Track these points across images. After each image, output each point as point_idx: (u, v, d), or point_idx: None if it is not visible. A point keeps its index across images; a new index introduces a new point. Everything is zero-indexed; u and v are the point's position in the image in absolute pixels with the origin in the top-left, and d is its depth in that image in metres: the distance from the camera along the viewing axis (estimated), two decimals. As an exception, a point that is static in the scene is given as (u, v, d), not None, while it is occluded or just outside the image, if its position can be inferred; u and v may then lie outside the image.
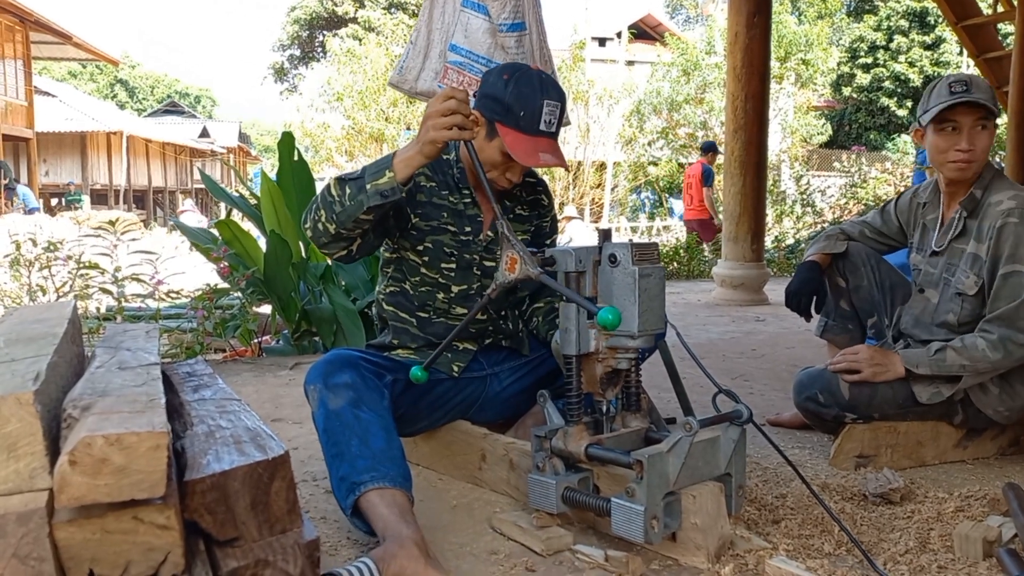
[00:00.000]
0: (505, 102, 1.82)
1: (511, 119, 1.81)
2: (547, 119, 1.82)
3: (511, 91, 1.82)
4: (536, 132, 1.82)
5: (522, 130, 1.81)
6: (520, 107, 1.81)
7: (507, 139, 1.81)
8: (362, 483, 1.64)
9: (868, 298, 2.49)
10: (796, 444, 2.42)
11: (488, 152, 1.87)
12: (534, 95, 1.81)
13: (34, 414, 1.03)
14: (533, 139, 1.81)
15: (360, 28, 18.83)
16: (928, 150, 2.24)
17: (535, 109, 1.81)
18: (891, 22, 23.99)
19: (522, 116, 1.81)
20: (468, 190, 2.00)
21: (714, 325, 4.85)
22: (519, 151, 1.80)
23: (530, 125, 1.81)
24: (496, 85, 1.85)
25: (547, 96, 1.82)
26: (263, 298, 3.83)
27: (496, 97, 1.84)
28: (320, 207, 1.79)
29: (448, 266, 1.97)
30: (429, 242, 1.95)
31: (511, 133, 1.81)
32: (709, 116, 16.56)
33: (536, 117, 1.81)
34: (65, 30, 18.51)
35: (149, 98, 47.60)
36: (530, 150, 1.80)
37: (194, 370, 1.79)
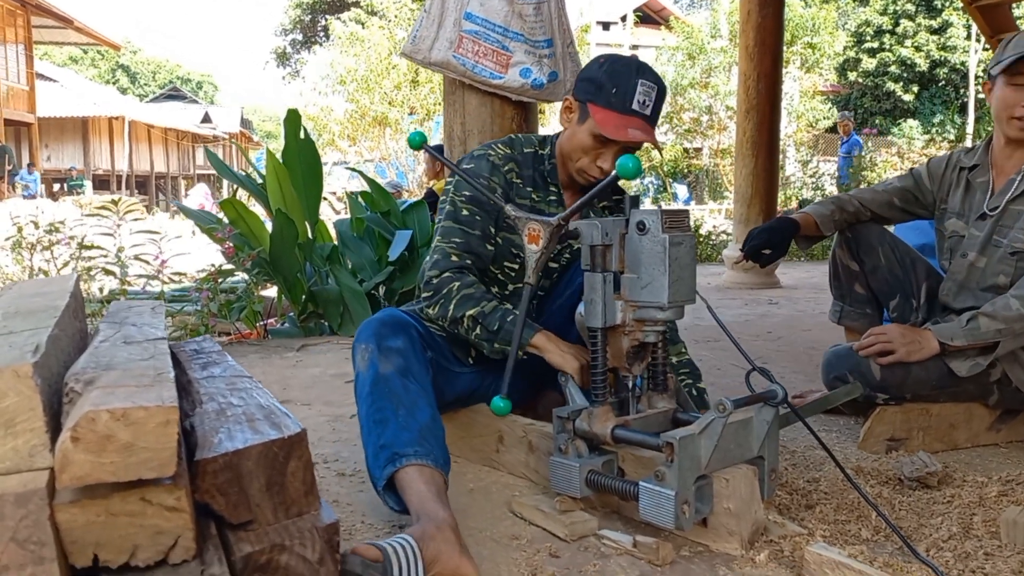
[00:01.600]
0: (598, 80, 1.77)
1: (603, 97, 1.76)
2: (640, 99, 1.76)
3: (605, 70, 1.78)
4: (628, 111, 1.75)
5: (613, 108, 1.75)
6: (612, 84, 1.75)
7: (597, 116, 1.75)
8: (404, 455, 1.56)
9: (889, 279, 2.38)
10: (823, 427, 2.34)
11: (579, 136, 1.81)
12: (628, 74, 1.76)
13: (33, 387, 0.96)
14: (624, 116, 1.75)
15: (363, 12, 18.65)
16: (993, 104, 2.15)
17: (628, 87, 1.75)
18: (897, 6, 23.75)
19: (614, 93, 1.75)
20: (556, 187, 1.93)
21: (727, 308, 4.77)
22: (608, 127, 1.74)
23: (622, 103, 1.75)
24: (591, 68, 1.82)
25: (643, 77, 1.76)
26: (268, 279, 3.75)
27: (590, 78, 1.80)
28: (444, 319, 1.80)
29: (511, 265, 1.92)
30: (500, 238, 1.89)
31: (601, 111, 1.76)
32: (714, 100, 16.41)
33: (629, 96, 1.75)
34: (66, 14, 18.39)
35: (151, 84, 47.40)
36: (620, 125, 1.74)
37: (202, 347, 1.71)
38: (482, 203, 1.83)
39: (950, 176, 2.32)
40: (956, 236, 2.26)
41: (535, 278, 1.67)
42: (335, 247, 3.83)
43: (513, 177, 1.89)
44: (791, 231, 2.37)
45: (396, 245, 3.60)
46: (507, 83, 2.33)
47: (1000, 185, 2.19)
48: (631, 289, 1.59)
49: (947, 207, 2.31)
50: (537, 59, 2.34)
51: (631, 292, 1.59)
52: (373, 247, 3.82)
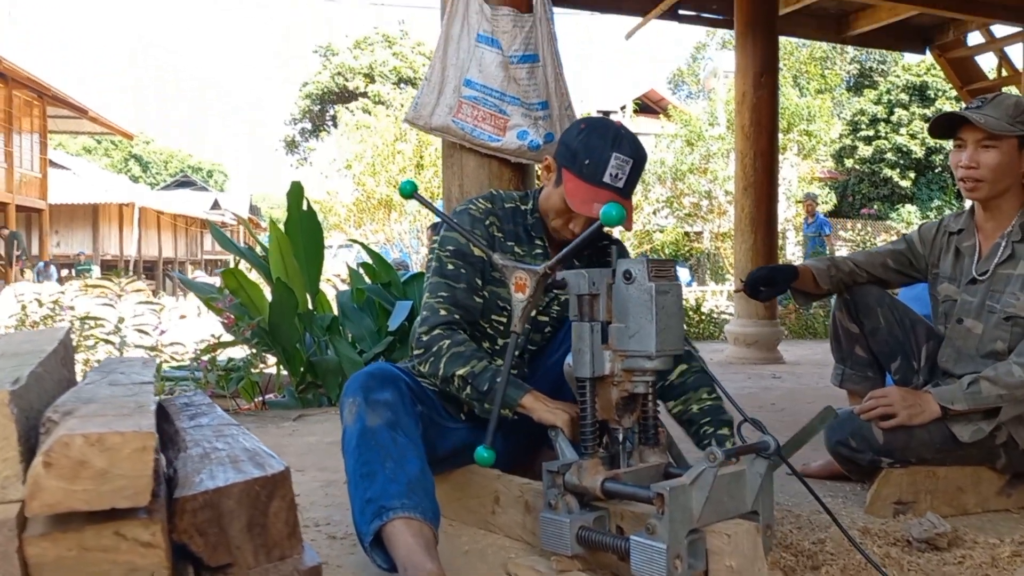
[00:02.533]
0: (572, 148, 1.78)
1: (575, 166, 1.76)
2: (613, 172, 1.75)
3: (581, 138, 1.78)
4: (598, 183, 1.74)
5: (583, 178, 1.75)
6: (585, 155, 1.75)
7: (567, 185, 1.76)
8: (391, 509, 1.52)
9: (889, 341, 2.35)
10: (828, 493, 2.28)
11: (553, 199, 1.83)
12: (603, 146, 1.75)
13: (9, 416, 0.94)
14: (594, 189, 1.74)
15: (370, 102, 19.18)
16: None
17: (601, 160, 1.74)
18: (891, 96, 24.32)
19: (586, 164, 1.75)
20: (542, 240, 1.93)
21: (729, 382, 4.70)
22: (575, 199, 1.74)
23: (592, 175, 1.74)
24: (571, 131, 1.83)
25: (618, 150, 1.75)
26: (267, 349, 3.73)
27: (567, 143, 1.81)
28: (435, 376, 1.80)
29: (499, 318, 1.91)
30: (487, 292, 1.89)
31: (572, 180, 1.76)
32: (714, 185, 16.64)
33: (600, 168, 1.74)
34: (81, 104, 18.91)
35: (163, 172, 48.32)
36: (586, 199, 1.73)
37: (192, 401, 1.69)
38: (466, 256, 1.83)
39: (940, 241, 2.33)
40: (949, 300, 2.26)
41: (521, 327, 1.66)
42: (335, 317, 3.82)
43: (494, 231, 1.89)
44: (791, 275, 2.38)
45: (396, 315, 3.59)
46: (505, 145, 2.37)
47: (987, 249, 2.20)
48: (619, 339, 1.57)
49: (939, 272, 2.31)
50: (533, 121, 2.39)
51: (619, 342, 1.57)
52: (373, 318, 3.82)
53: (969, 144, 2.12)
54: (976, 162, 2.11)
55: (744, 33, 5.61)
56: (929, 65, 22.18)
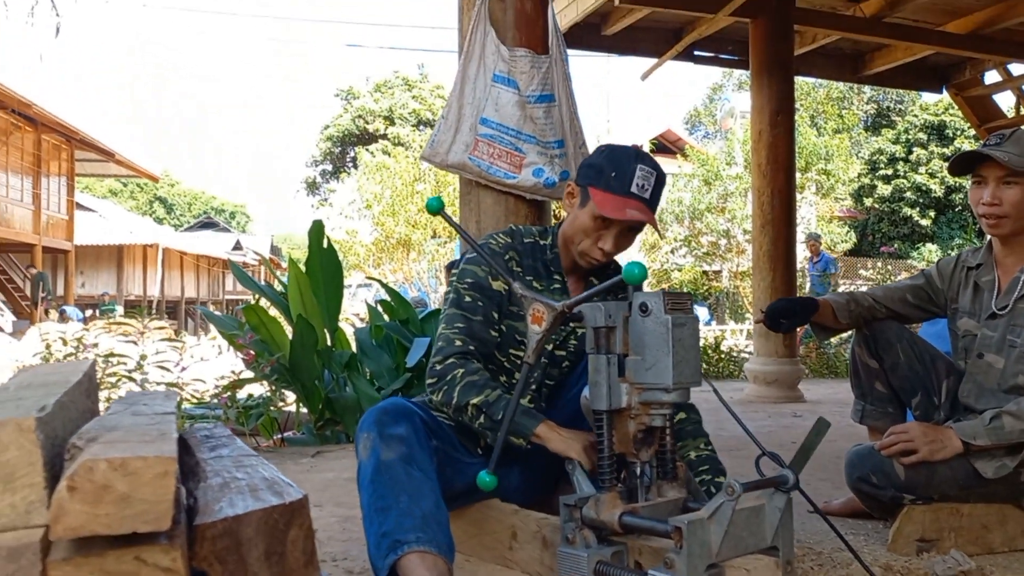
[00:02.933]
0: (598, 165, 1.84)
1: (602, 180, 1.82)
2: (639, 183, 1.81)
3: (605, 156, 1.86)
4: (627, 193, 1.80)
5: (612, 190, 1.81)
6: (612, 168, 1.82)
7: (596, 198, 1.81)
8: (406, 542, 1.52)
9: (909, 376, 2.34)
10: (850, 530, 2.25)
11: (581, 219, 1.86)
12: (627, 159, 1.83)
13: (35, 442, 0.96)
14: (623, 198, 1.80)
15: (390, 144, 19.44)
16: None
17: (627, 171, 1.81)
18: (909, 135, 24.34)
19: (613, 176, 1.81)
20: (560, 274, 1.96)
21: (750, 420, 4.67)
22: (607, 207, 1.79)
23: (620, 185, 1.81)
24: (592, 156, 1.90)
25: (642, 163, 1.83)
26: (287, 386, 3.76)
27: (590, 164, 1.87)
28: (449, 406, 1.80)
29: (516, 352, 1.92)
30: (504, 326, 1.91)
31: (600, 193, 1.81)
32: (732, 224, 16.67)
33: (628, 178, 1.81)
34: (108, 147, 19.27)
35: (186, 214, 49.04)
36: (618, 206, 1.79)
37: (212, 433, 1.70)
38: (484, 289, 1.86)
39: (958, 276, 2.33)
40: (969, 335, 2.24)
41: (534, 358, 1.66)
42: (353, 354, 3.85)
43: (513, 265, 1.92)
44: (811, 308, 2.38)
45: (414, 352, 3.61)
46: (521, 182, 2.41)
47: (1006, 284, 2.19)
48: (636, 371, 1.58)
49: (958, 307, 2.30)
50: (549, 159, 2.42)
51: (636, 374, 1.58)
52: (392, 354, 3.84)
53: (990, 181, 2.13)
54: (998, 199, 2.11)
55: (760, 73, 5.67)
56: (947, 104, 22.21)
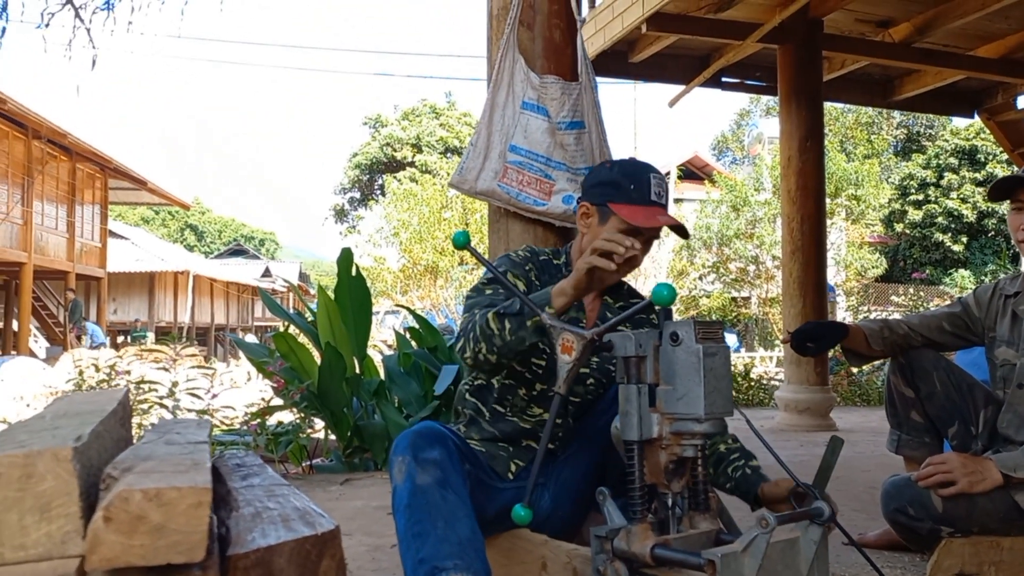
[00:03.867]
0: (614, 181, 1.86)
1: (622, 194, 1.83)
2: (656, 191, 1.84)
3: (616, 171, 1.87)
4: (648, 202, 1.83)
5: (635, 201, 1.83)
6: (629, 181, 1.84)
7: (623, 212, 1.81)
8: (444, 569, 1.51)
9: (946, 405, 2.29)
10: (887, 564, 2.20)
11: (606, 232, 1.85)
12: (639, 171, 1.85)
13: (71, 471, 0.97)
14: (648, 208, 1.82)
15: (417, 171, 19.61)
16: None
17: (644, 181, 1.84)
18: (940, 160, 24.11)
19: (632, 189, 1.83)
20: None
21: (781, 449, 4.58)
22: (638, 218, 1.80)
23: (642, 196, 1.83)
24: (600, 173, 1.91)
25: (652, 171, 1.86)
26: (316, 413, 3.77)
27: (603, 181, 1.88)
28: (480, 339, 1.76)
29: (538, 361, 1.90)
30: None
31: (625, 207, 1.82)
32: (760, 250, 16.56)
33: (646, 188, 1.83)
34: (141, 175, 19.63)
35: (217, 241, 49.73)
36: (648, 216, 1.81)
37: (243, 461, 1.71)
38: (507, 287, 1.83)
39: (996, 304, 2.28)
40: (1008, 365, 2.20)
41: (565, 388, 1.65)
42: (382, 382, 3.85)
43: (533, 277, 1.92)
44: (840, 333, 2.36)
45: (442, 380, 3.61)
46: (550, 209, 2.41)
47: None
48: (667, 401, 1.56)
49: (996, 335, 2.26)
50: (578, 186, 2.43)
51: (667, 404, 1.56)
52: (420, 382, 3.84)
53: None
54: None
55: (788, 100, 5.65)
56: (978, 128, 22.02)
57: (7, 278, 18.19)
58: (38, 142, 16.37)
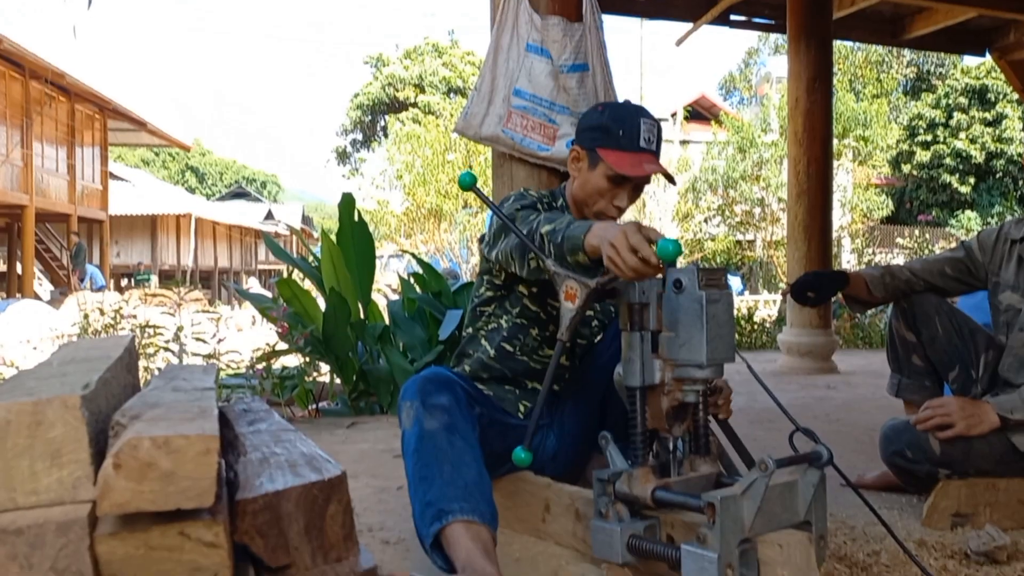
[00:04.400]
0: (603, 125, 1.84)
1: (611, 140, 1.82)
2: (647, 136, 1.82)
3: (608, 116, 1.85)
4: (637, 148, 1.81)
5: (623, 148, 1.81)
6: (618, 126, 1.82)
7: (610, 159, 1.80)
8: (450, 512, 1.55)
9: (947, 350, 2.29)
10: (884, 504, 2.23)
11: (593, 181, 1.86)
12: (630, 115, 1.83)
13: (80, 419, 0.98)
14: (636, 154, 1.81)
15: (420, 112, 19.38)
16: None
17: (634, 126, 1.82)
18: (950, 99, 23.74)
19: (621, 134, 1.81)
20: None
21: (783, 392, 4.65)
22: (624, 165, 1.79)
23: (630, 142, 1.81)
24: (591, 116, 1.90)
25: (643, 116, 1.84)
26: (321, 358, 3.80)
27: (593, 126, 1.86)
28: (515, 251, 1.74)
29: (555, 303, 1.92)
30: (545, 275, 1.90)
31: (613, 153, 1.81)
32: (766, 192, 16.43)
33: (635, 134, 1.81)
34: (140, 117, 19.44)
35: (218, 184, 49.47)
36: (635, 163, 1.80)
37: (251, 407, 1.74)
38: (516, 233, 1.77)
39: (1001, 248, 2.27)
40: (1012, 310, 2.19)
41: (568, 335, 1.65)
42: (386, 327, 3.87)
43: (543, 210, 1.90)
44: (840, 281, 2.36)
45: (447, 325, 3.63)
46: (554, 154, 2.39)
47: None
48: (669, 348, 1.57)
49: (999, 280, 2.25)
50: (582, 131, 2.40)
51: (669, 351, 1.57)
52: (424, 327, 3.86)
53: None
54: None
55: (797, 38, 5.55)
56: (989, 67, 21.62)
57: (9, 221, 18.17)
58: (36, 82, 16.18)
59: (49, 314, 10.43)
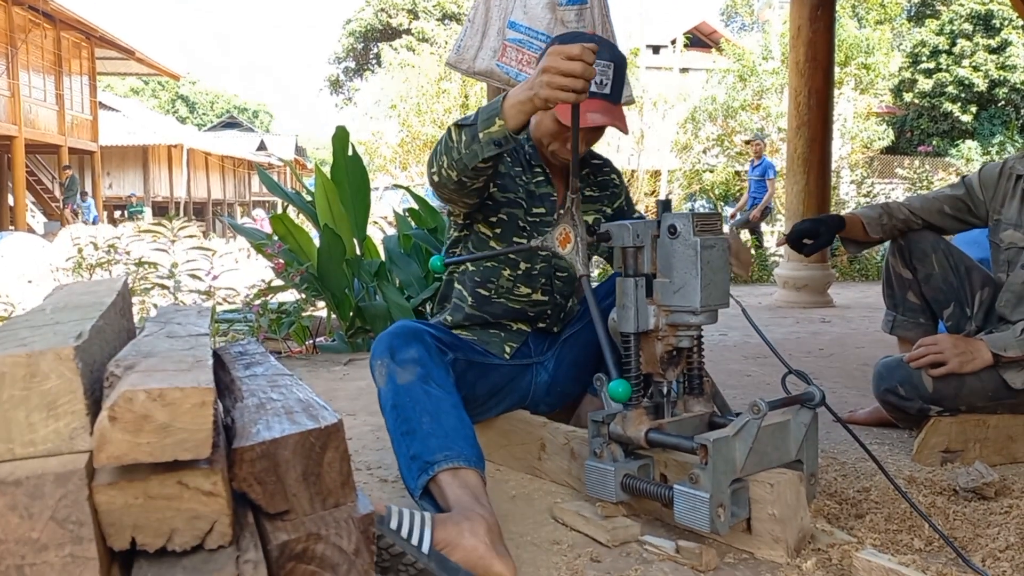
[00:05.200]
0: None
1: None
2: (598, 79, 1.71)
3: None
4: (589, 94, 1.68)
5: None
6: None
7: (557, 107, 1.68)
8: (435, 462, 1.56)
9: (943, 287, 2.29)
10: (875, 440, 2.27)
11: (545, 123, 1.80)
12: None
13: (74, 370, 0.98)
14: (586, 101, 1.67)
15: (414, 39, 18.98)
16: None
17: None
18: (954, 26, 23.31)
19: None
20: (540, 167, 1.92)
21: (777, 326, 4.68)
22: (565, 112, 1.69)
23: None
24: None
25: (599, 57, 1.70)
26: (317, 294, 3.80)
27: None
28: (442, 153, 1.67)
29: (520, 240, 1.89)
30: (504, 214, 1.88)
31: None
32: (766, 122, 16.24)
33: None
34: (128, 45, 19.04)
35: (209, 113, 48.76)
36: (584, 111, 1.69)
37: (246, 349, 1.73)
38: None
39: (1005, 185, 2.24)
40: (1014, 248, 2.18)
41: (586, 269, 1.63)
42: (382, 263, 3.86)
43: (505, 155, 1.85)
44: (836, 226, 2.34)
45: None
46: (549, 91, 2.34)
47: None
48: (663, 293, 1.57)
49: (1001, 218, 2.23)
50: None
51: (664, 296, 1.57)
52: (420, 263, 3.85)
53: None
54: None
55: (799, -36, 5.40)
56: (996, -9, 21.17)
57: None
58: (19, 8, 15.78)
59: (43, 248, 10.40)
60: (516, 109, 1.51)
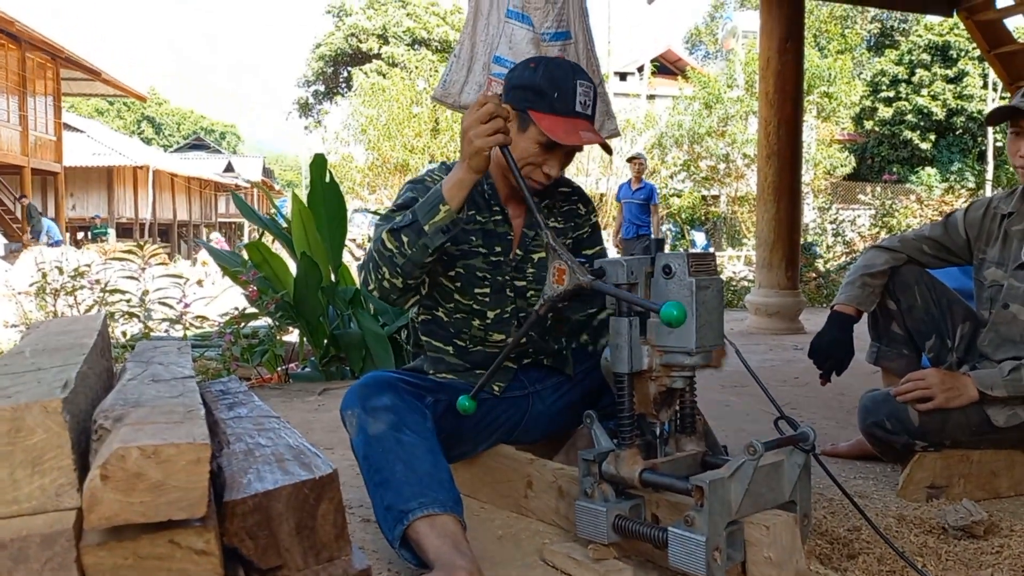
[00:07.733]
0: (536, 86, 1.71)
1: (544, 103, 1.70)
2: (582, 99, 1.71)
3: (541, 75, 1.72)
4: (572, 113, 1.70)
5: (557, 112, 1.70)
6: (553, 89, 1.70)
7: (543, 123, 1.69)
8: (410, 511, 1.52)
9: (924, 319, 2.32)
10: (859, 475, 2.27)
11: (523, 145, 1.73)
12: (566, 77, 1.71)
13: (62, 424, 0.94)
14: (571, 120, 1.70)
15: (384, 64, 19.00)
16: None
17: (569, 89, 1.70)
18: (913, 56, 23.90)
19: (556, 97, 1.69)
20: (499, 206, 1.87)
21: (752, 354, 4.70)
22: (558, 132, 1.67)
23: (565, 106, 1.70)
24: (524, 74, 1.76)
25: (579, 77, 1.73)
26: (291, 322, 3.74)
27: (525, 85, 1.73)
28: (381, 264, 1.67)
29: (482, 291, 1.84)
30: (461, 267, 1.83)
31: (547, 117, 1.69)
32: (731, 148, 16.48)
33: (571, 97, 1.70)
34: (94, 66, 18.82)
35: (175, 134, 48.31)
36: (569, 130, 1.69)
37: (228, 388, 1.69)
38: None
39: (989, 225, 2.27)
40: (996, 286, 2.21)
41: (545, 310, 1.61)
42: (358, 291, 3.82)
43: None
44: (850, 330, 2.33)
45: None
46: (534, 125, 2.34)
47: None
48: (658, 334, 1.55)
49: (986, 257, 2.26)
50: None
51: (658, 337, 1.55)
52: (395, 291, 3.81)
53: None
54: None
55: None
56: (952, 24, 21.75)
57: (-40, 173, 17.59)
58: (-18, 29, 15.55)
59: (5, 270, 10.15)
60: (456, 188, 1.59)
